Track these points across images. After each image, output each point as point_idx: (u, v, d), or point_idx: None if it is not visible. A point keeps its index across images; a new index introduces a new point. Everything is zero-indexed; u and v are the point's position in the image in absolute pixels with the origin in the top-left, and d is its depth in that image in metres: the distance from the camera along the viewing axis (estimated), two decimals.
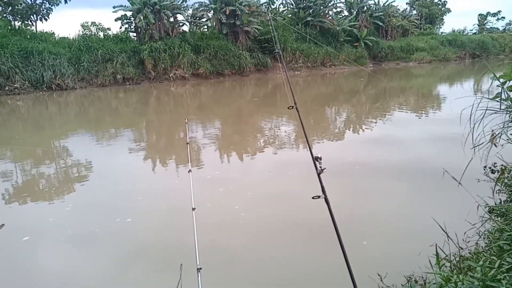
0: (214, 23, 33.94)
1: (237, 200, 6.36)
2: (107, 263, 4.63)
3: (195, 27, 34.84)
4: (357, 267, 2.34)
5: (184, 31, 32.51)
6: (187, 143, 3.76)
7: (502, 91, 6.72)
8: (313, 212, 2.86)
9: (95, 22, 35.09)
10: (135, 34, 31.32)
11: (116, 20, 30.76)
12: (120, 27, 31.51)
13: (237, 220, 5.56)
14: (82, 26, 34.96)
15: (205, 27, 35.94)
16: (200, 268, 2.50)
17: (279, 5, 40.87)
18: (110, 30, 33.78)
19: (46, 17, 29.08)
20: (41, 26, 31.63)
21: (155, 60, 28.51)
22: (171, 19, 30.93)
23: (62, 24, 63.54)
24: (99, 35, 32.27)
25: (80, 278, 4.36)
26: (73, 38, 29.55)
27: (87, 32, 32.96)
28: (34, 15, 28.58)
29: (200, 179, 7.28)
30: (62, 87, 25.37)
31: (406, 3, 55.27)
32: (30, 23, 28.85)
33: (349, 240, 2.51)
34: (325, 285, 3.93)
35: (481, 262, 2.45)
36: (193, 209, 2.89)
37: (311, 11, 37.15)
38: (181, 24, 32.50)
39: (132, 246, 4.98)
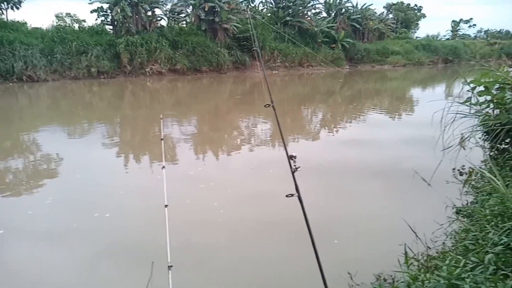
0: (193, 19, 33.64)
1: (211, 198, 6.33)
2: (78, 260, 4.52)
3: (173, 22, 34.45)
4: (328, 266, 2.37)
5: (162, 26, 32.12)
6: (161, 139, 3.70)
7: (472, 96, 6.95)
8: (288, 211, 2.87)
9: (70, 13, 34.06)
10: (111, 27, 30.68)
11: (92, 12, 30.07)
12: (96, 19, 30.88)
13: (210, 218, 5.53)
14: (57, 16, 33.92)
15: (184, 22, 35.60)
16: (171, 266, 2.47)
17: (259, 3, 40.95)
18: (85, 22, 32.93)
19: (17, 6, 28.14)
20: (13, 15, 30.62)
21: (131, 54, 28.04)
22: (149, 13, 30.51)
23: (35, 14, 61.57)
24: (74, 27, 31.48)
25: (50, 275, 4.25)
26: (46, 29, 28.73)
27: (62, 23, 32.03)
28: (5, 3, 27.58)
29: (174, 176, 7.20)
30: (34, 79, 24.62)
31: (383, 7, 56.34)
32: (0, 11, 27.84)
33: (321, 238, 2.54)
34: (296, 284, 3.96)
35: (447, 261, 2.52)
36: (166, 206, 2.85)
37: (290, 11, 37.34)
38: (159, 18, 32.10)
39: (104, 243, 4.88)
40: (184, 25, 35.20)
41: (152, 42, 28.63)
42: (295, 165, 2.48)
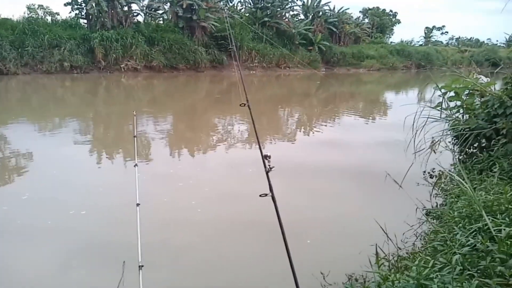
0: (170, 16, 33.28)
1: (185, 197, 6.27)
2: (48, 260, 4.37)
3: (150, 18, 33.97)
4: (301, 265, 2.38)
5: (139, 22, 31.64)
6: (134, 137, 3.63)
7: (443, 101, 7.15)
8: (262, 211, 2.86)
9: (42, 5, 32.94)
10: (85, 21, 29.99)
11: (65, 5, 29.31)
12: (70, 13, 30.10)
13: (183, 218, 5.47)
14: (28, 8, 32.78)
15: (161, 19, 35.15)
16: (142, 266, 2.42)
17: (237, 3, 40.90)
18: (58, 15, 31.95)
19: None
20: None
21: (106, 49, 27.48)
22: (125, 8, 29.99)
23: (5, 3, 59.44)
24: (47, 19, 30.52)
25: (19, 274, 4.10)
26: (17, 20, 27.75)
27: (33, 15, 30.99)
28: None
29: (148, 174, 7.10)
30: (3, 72, 23.79)
31: (359, 11, 57.29)
32: None
33: (295, 238, 2.55)
34: (268, 284, 3.96)
35: (416, 262, 2.57)
36: (138, 204, 2.79)
37: (268, 11, 37.44)
38: (135, 14, 31.62)
39: (74, 242, 4.74)
40: (161, 22, 34.75)
41: (127, 38, 28.14)
42: (269, 165, 2.48)
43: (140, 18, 32.51)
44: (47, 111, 15.21)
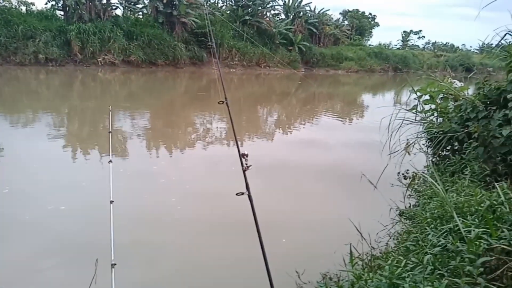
0: (150, 10, 32.80)
1: (160, 194, 6.20)
2: (19, 258, 4.23)
3: (129, 12, 33.39)
4: (276, 264, 2.39)
5: (117, 15, 31.04)
6: (109, 132, 3.56)
7: (418, 104, 7.30)
8: (239, 209, 2.86)
9: None
10: (62, 13, 29.20)
11: None
12: (46, 4, 29.26)
13: (158, 216, 5.40)
14: None
15: (140, 13, 34.61)
16: (115, 264, 2.38)
17: (218, 0, 40.68)
18: (34, 5, 31.01)
19: None
20: None
21: (83, 42, 26.87)
22: (104, 1, 29.37)
23: None
24: (21, 9, 29.55)
25: None
26: None
27: (6, 4, 29.98)
28: None
29: (123, 171, 6.98)
30: None
31: (339, 13, 57.93)
32: None
33: (270, 237, 2.55)
34: (243, 282, 3.96)
35: (389, 261, 2.62)
36: (111, 202, 2.74)
37: (249, 10, 37.38)
38: (114, 7, 30.99)
39: (45, 239, 4.62)
40: (141, 16, 34.21)
41: (105, 31, 27.58)
42: (246, 164, 2.47)
43: (119, 12, 31.93)
44: (20, 104, 14.75)
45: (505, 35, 5.39)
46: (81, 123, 12.22)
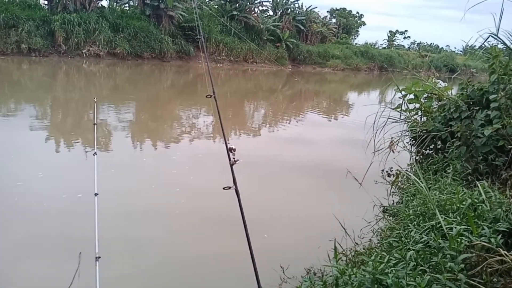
0: (137, 2, 32.33)
1: (146, 188, 6.14)
2: (1, 251, 4.16)
3: (115, 3, 32.85)
4: (261, 259, 2.40)
5: (103, 7, 30.52)
6: (94, 124, 3.51)
7: (403, 102, 7.39)
8: (225, 204, 2.86)
9: None
10: (46, 2, 28.56)
11: None
12: None
13: (144, 209, 5.36)
14: None
15: (127, 5, 34.09)
16: (99, 257, 2.36)
17: None
18: None
19: None
20: None
21: (68, 33, 26.34)
22: None
23: None
24: None
25: None
26: None
27: None
28: None
29: (107, 164, 6.89)
30: None
31: (327, 11, 57.97)
32: None
33: (257, 232, 2.56)
34: (229, 277, 3.96)
35: (372, 257, 2.65)
36: (96, 194, 2.71)
37: (237, 5, 37.19)
38: None
39: (29, 232, 4.53)
40: (127, 8, 33.71)
41: (91, 23, 27.10)
42: (234, 158, 2.47)
43: (104, 3, 31.47)
44: (1, 94, 14.41)
45: (488, 37, 5.49)
46: (64, 115, 12.01)
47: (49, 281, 3.65)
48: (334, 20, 54.79)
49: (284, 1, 43.15)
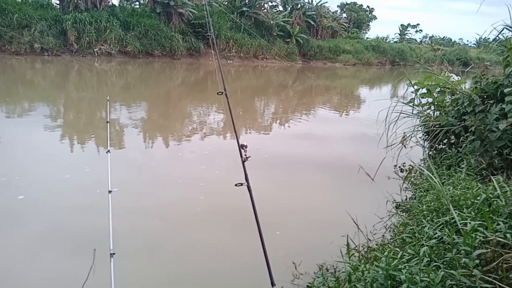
0: (147, 0, 32.51)
1: (159, 185, 6.20)
2: (17, 247, 4.24)
3: (125, 2, 33.08)
4: (274, 255, 2.40)
5: (114, 5, 30.72)
6: (107, 122, 3.56)
7: (415, 97, 7.31)
8: (237, 200, 2.87)
9: None
10: (58, 2, 28.89)
11: None
12: None
13: (157, 206, 5.41)
14: None
15: (137, 3, 34.31)
16: (114, 253, 2.39)
17: None
18: None
19: None
20: None
21: (79, 32, 26.63)
22: None
23: None
24: None
25: None
26: None
27: None
28: None
29: (120, 161, 6.96)
30: None
31: (337, 6, 57.57)
32: None
33: (268, 228, 2.56)
34: (241, 272, 3.99)
35: (386, 253, 2.64)
36: (110, 191, 2.74)
37: (247, 1, 37.12)
38: None
39: (45, 229, 4.61)
40: (137, 6, 33.92)
41: (102, 21, 27.34)
42: (245, 155, 2.48)
43: (115, 2, 31.62)
44: (16, 94, 14.63)
45: (502, 29, 5.40)
46: (77, 113, 12.16)
47: (65, 277, 3.71)
48: (344, 15, 54.38)
49: None
